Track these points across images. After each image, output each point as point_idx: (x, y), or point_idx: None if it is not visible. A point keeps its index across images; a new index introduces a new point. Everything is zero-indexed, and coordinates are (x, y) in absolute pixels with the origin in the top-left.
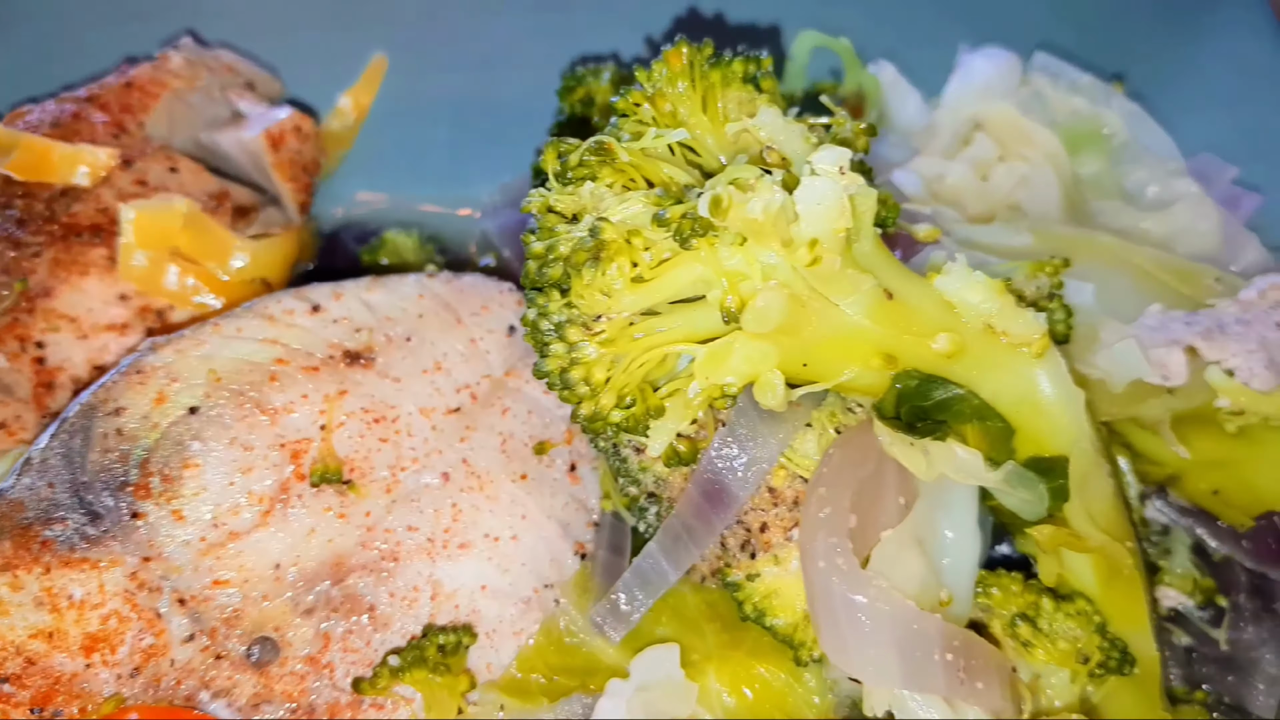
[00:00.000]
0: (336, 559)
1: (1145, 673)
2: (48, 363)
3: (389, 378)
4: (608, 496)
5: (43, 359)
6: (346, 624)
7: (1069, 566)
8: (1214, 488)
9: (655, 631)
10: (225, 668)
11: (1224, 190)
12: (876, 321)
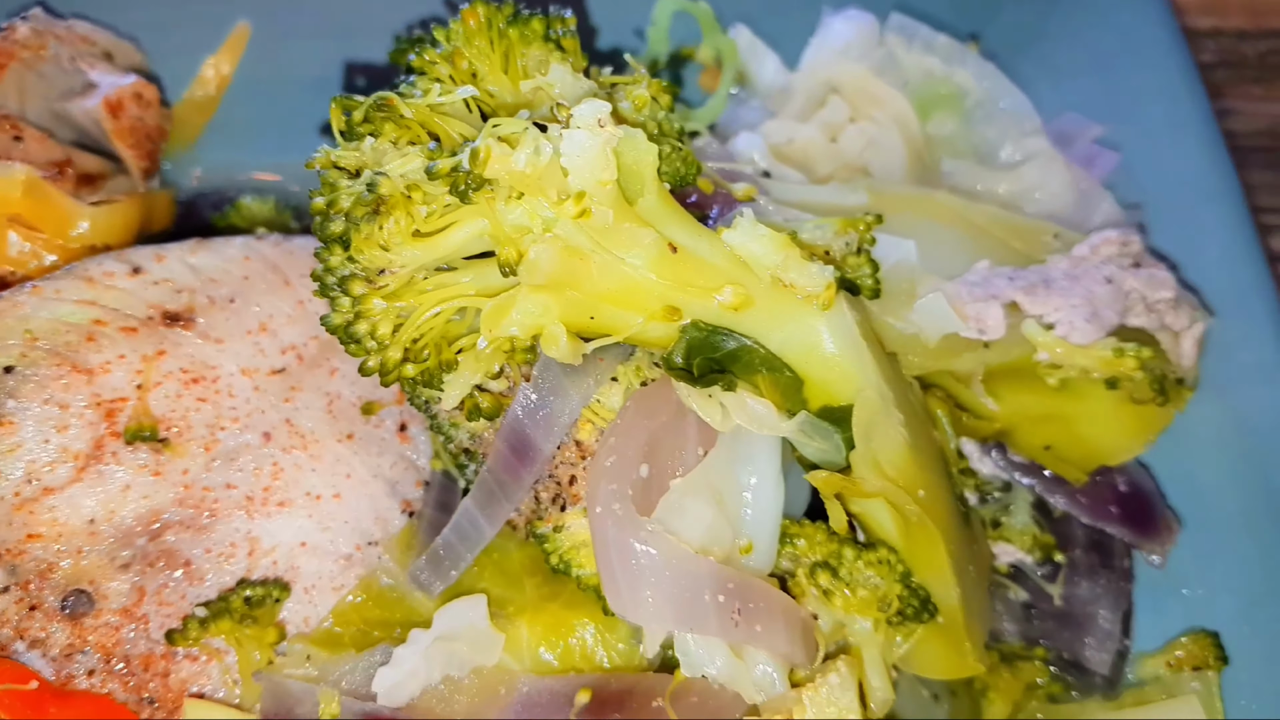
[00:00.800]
0: (152, 515)
1: (949, 620)
2: None
3: (210, 339)
4: (438, 456)
5: None
6: (161, 578)
7: (873, 517)
8: (1045, 443)
9: (478, 586)
10: (39, 619)
11: (1083, 149)
12: (661, 275)
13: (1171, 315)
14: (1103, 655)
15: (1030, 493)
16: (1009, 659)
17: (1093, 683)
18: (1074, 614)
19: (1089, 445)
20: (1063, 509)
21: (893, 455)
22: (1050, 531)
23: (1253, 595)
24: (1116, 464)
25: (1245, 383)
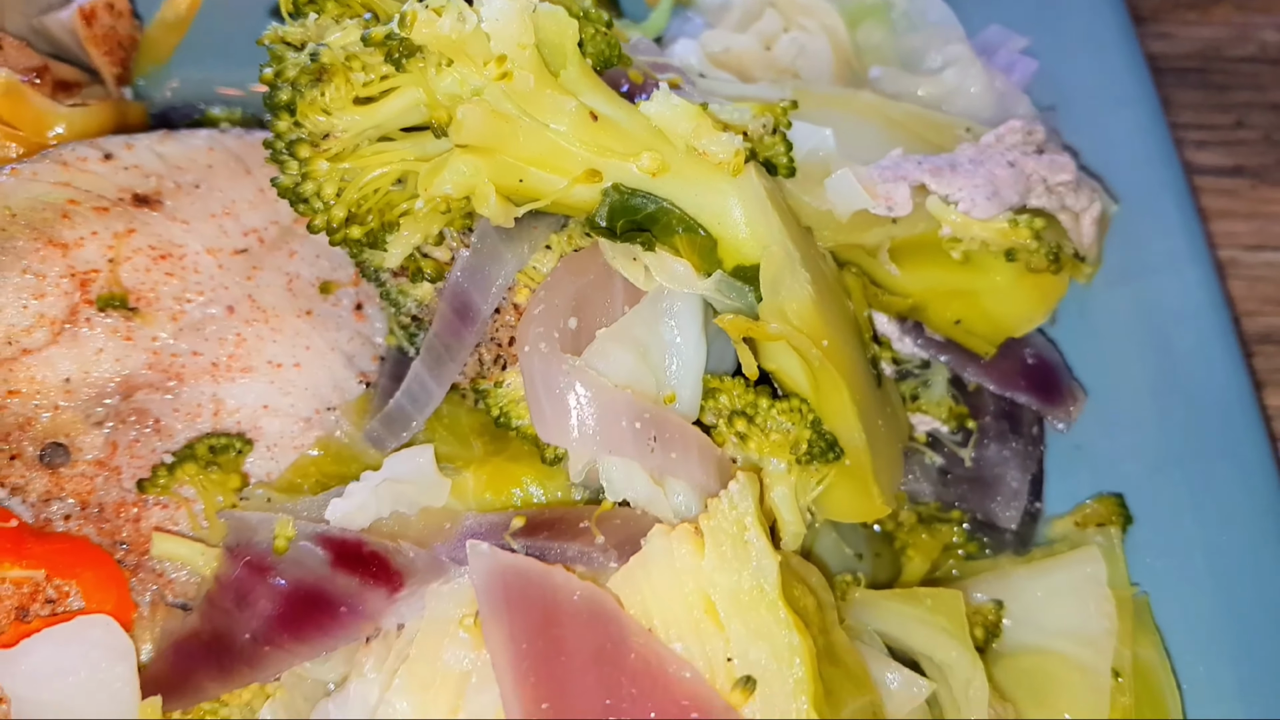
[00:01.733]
0: (124, 377)
1: (857, 464)
2: None
3: (177, 220)
4: (392, 332)
5: None
6: (133, 433)
7: (786, 373)
8: (955, 317)
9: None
10: (18, 468)
11: (1003, 58)
12: (582, 141)
13: (1071, 197)
14: (1011, 513)
15: (946, 369)
16: (927, 521)
17: (1004, 540)
18: (985, 476)
19: (994, 318)
20: (975, 381)
21: (798, 308)
22: (964, 404)
23: (1154, 461)
24: (1020, 335)
25: (1153, 270)
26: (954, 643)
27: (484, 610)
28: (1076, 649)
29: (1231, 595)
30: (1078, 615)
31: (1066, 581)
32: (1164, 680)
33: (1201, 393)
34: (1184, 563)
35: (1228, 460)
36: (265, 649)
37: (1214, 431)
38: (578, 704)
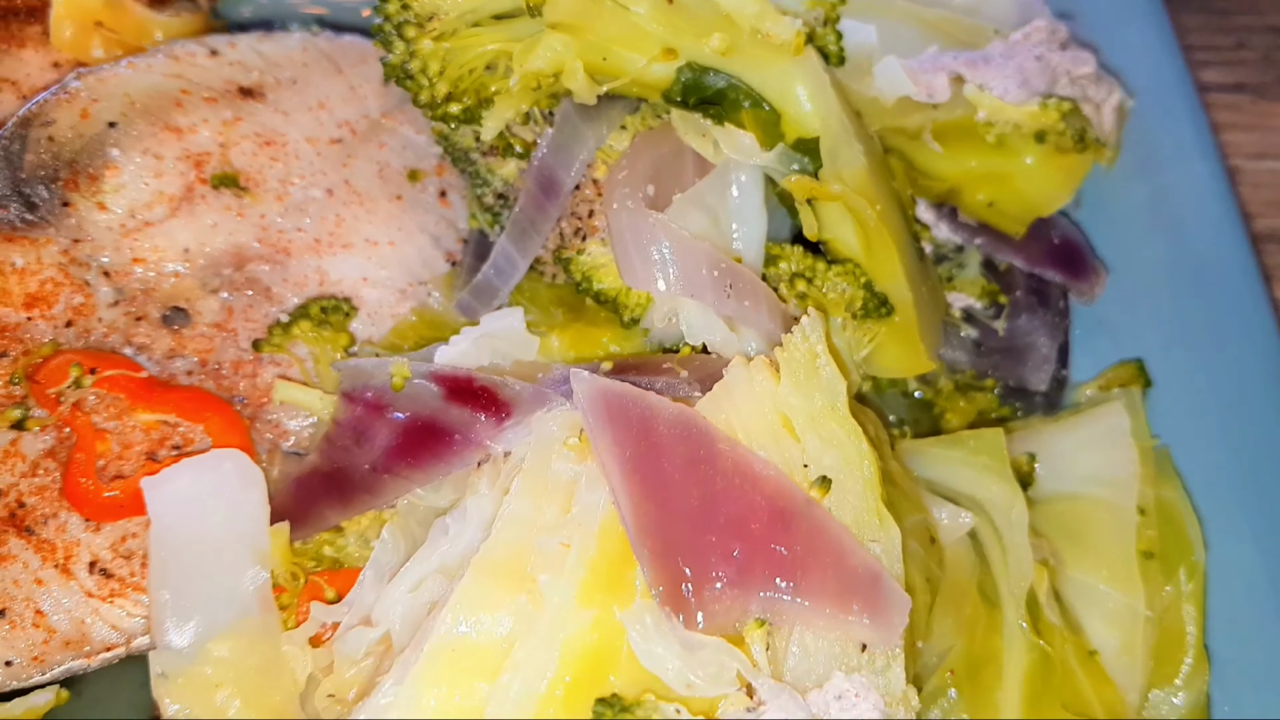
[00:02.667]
0: (236, 249)
1: (904, 321)
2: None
3: (278, 111)
4: (474, 216)
5: None
6: (246, 300)
7: (839, 240)
8: (989, 200)
9: None
10: (144, 327)
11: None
12: (660, 22)
13: (1093, 88)
14: (1041, 375)
15: (978, 253)
16: (963, 389)
17: (1034, 403)
18: (1016, 345)
19: (1025, 198)
20: (1006, 261)
21: (854, 175)
22: (995, 283)
23: (1171, 333)
24: (1048, 214)
25: (1165, 162)
26: (995, 477)
27: (589, 423)
28: (1104, 491)
29: (1242, 447)
30: (1104, 461)
31: (1093, 433)
32: (1186, 516)
33: (1211, 271)
34: (1199, 421)
35: (1236, 330)
36: (384, 477)
37: (1223, 305)
38: (679, 496)
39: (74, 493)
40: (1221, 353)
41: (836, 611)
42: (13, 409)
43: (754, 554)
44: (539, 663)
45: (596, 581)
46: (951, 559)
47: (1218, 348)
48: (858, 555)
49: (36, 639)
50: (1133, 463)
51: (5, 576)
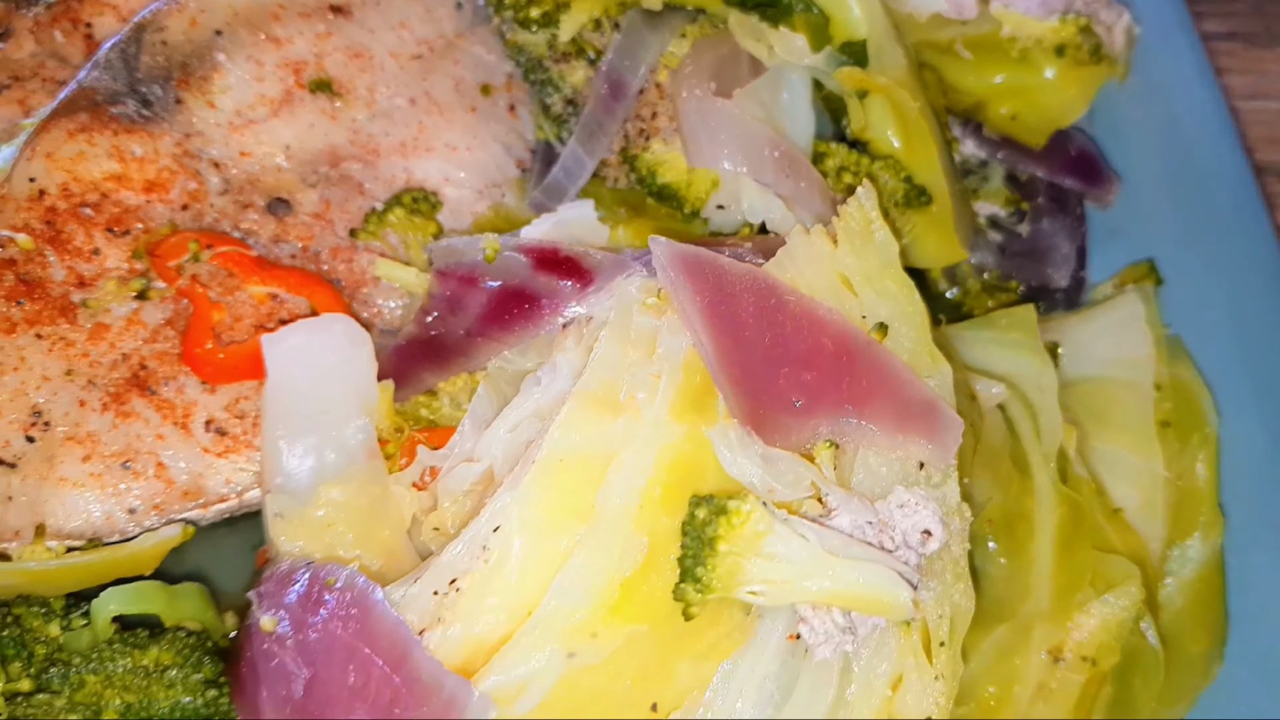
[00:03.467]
0: (331, 149)
1: (940, 208)
2: (95, 39)
3: (365, 28)
4: (541, 129)
5: (90, 36)
6: (342, 194)
7: (880, 137)
8: (1012, 113)
9: None
10: (250, 214)
11: None
12: None
13: (1104, 11)
14: (1062, 273)
15: (1001, 166)
16: (990, 289)
17: (1056, 300)
18: (1039, 247)
19: (1045, 109)
20: (1028, 173)
21: (896, 72)
22: (1018, 192)
23: (1179, 237)
24: (1067, 124)
25: (1170, 89)
26: (1027, 351)
27: (669, 277)
28: (1123, 371)
29: (1245, 334)
30: (1122, 344)
31: (1111, 320)
32: (1198, 390)
33: (1213, 181)
34: (1206, 313)
35: (1237, 232)
36: (477, 341)
37: (1225, 210)
38: (753, 337)
39: (192, 357)
40: (1224, 253)
41: (897, 433)
42: (135, 281)
43: (822, 384)
44: (641, 464)
45: (685, 403)
46: (986, 427)
47: (1221, 248)
48: (915, 385)
49: (157, 489)
50: (1148, 344)
51: (129, 432)
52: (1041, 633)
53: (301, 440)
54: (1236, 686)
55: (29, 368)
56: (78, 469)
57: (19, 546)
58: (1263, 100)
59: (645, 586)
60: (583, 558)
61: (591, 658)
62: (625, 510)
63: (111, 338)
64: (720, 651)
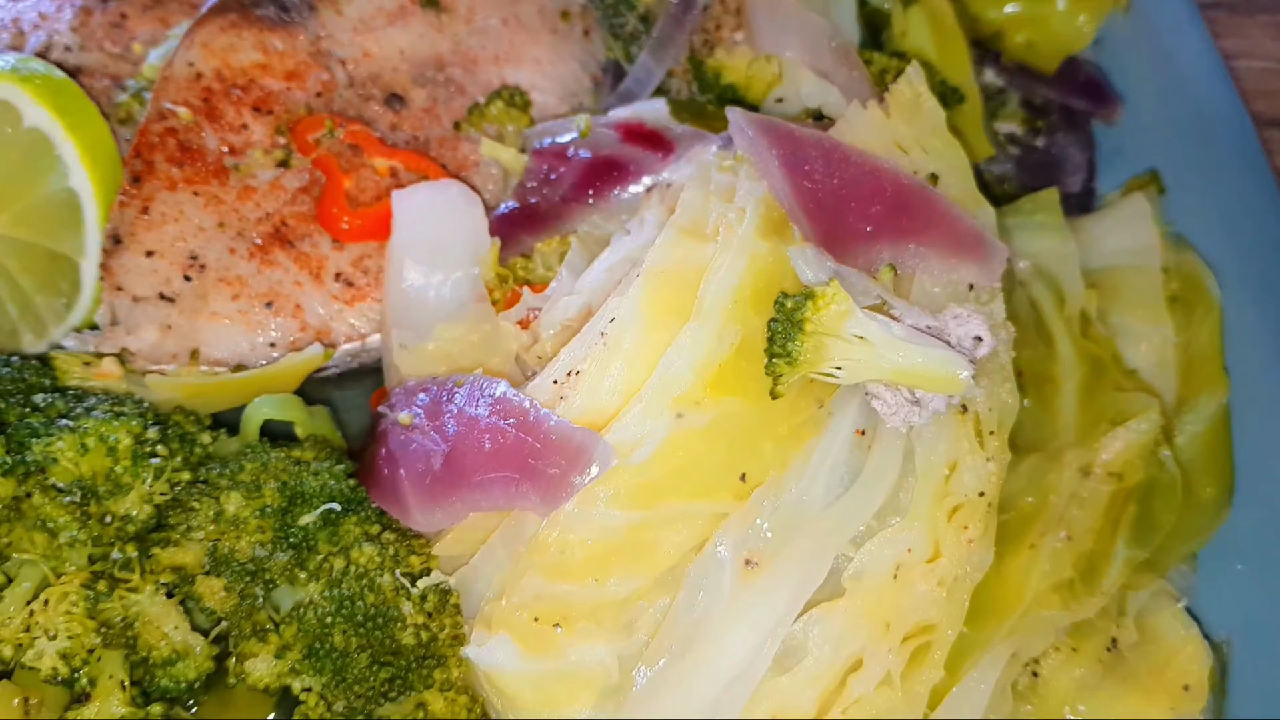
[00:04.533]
0: (437, 56)
1: (971, 106)
2: None
3: None
4: (611, 50)
5: None
6: (447, 94)
7: (916, 42)
8: (1028, 40)
9: None
10: (372, 105)
11: None
12: None
13: None
14: (1075, 179)
15: (1018, 91)
16: (1010, 198)
17: (1070, 206)
18: (1054, 157)
19: (1057, 36)
20: (1042, 96)
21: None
22: (1033, 114)
23: (1177, 155)
24: (1076, 50)
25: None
26: (1050, 230)
27: (745, 136)
28: (1133, 258)
29: (1239, 233)
30: (1131, 235)
31: (1120, 218)
32: (1201, 270)
33: (1207, 109)
34: (1203, 218)
35: (1229, 151)
36: (572, 206)
37: (1218, 134)
38: (822, 181)
39: (325, 218)
40: (1218, 167)
41: (949, 257)
42: (278, 152)
43: (884, 217)
44: (734, 268)
45: (767, 228)
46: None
47: (1215, 163)
48: (965, 219)
49: (293, 327)
50: (1154, 236)
51: (271, 278)
52: (1072, 455)
53: (422, 283)
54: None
55: (187, 219)
56: (227, 306)
57: (175, 369)
58: (1246, 59)
59: (738, 368)
60: (686, 341)
61: (694, 422)
62: (721, 304)
63: (257, 198)
64: (799, 437)
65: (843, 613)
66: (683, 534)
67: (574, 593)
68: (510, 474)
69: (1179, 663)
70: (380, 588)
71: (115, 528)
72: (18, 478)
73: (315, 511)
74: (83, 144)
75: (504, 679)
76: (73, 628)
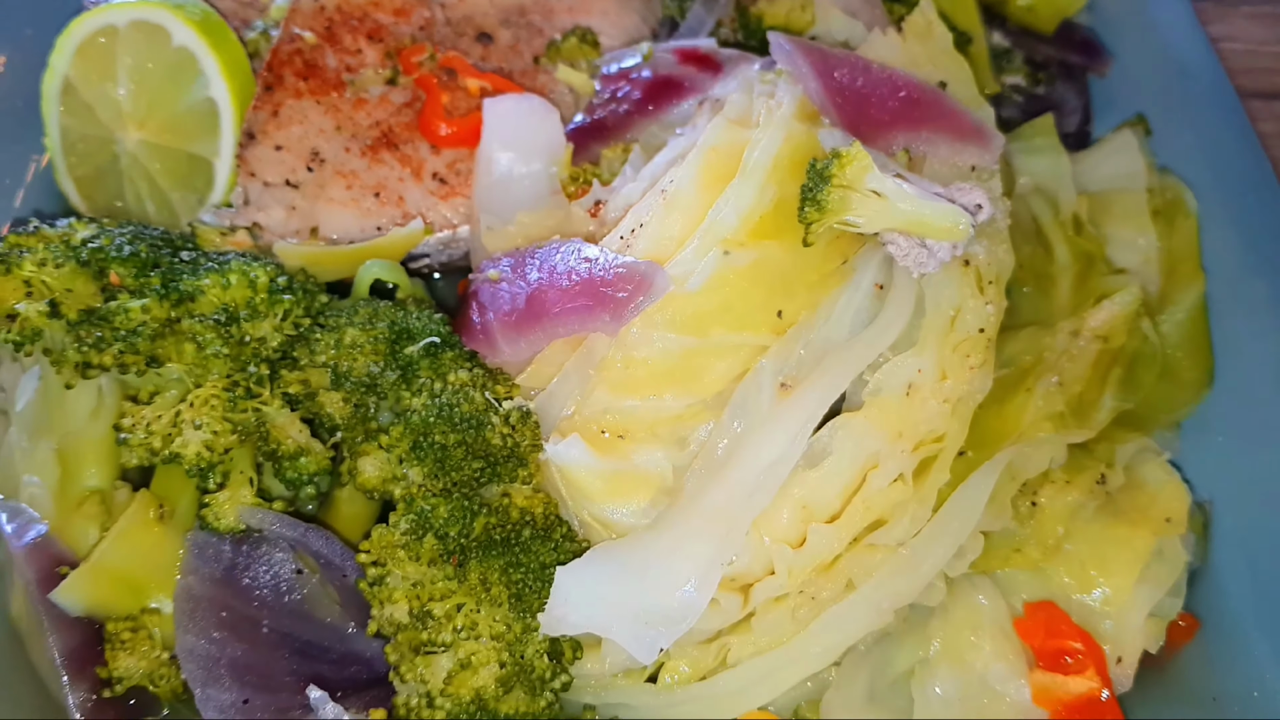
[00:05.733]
0: (520, 4)
1: (978, 47)
2: None
3: None
4: (666, 7)
5: None
6: (527, 34)
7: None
8: (1029, 4)
9: None
10: (465, 40)
11: None
12: None
13: None
14: (1073, 120)
15: (1021, 52)
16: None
17: (1068, 144)
18: (1054, 100)
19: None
20: (1043, 55)
21: None
22: (1034, 70)
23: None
24: (1072, 13)
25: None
26: (1047, 151)
27: (784, 50)
28: (1122, 182)
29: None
30: (1119, 163)
31: (1111, 148)
32: (1181, 190)
33: (1188, 65)
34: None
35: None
36: (635, 118)
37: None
38: (848, 83)
39: (425, 127)
40: (1196, 106)
41: (955, 143)
42: (386, 71)
43: (900, 111)
44: (774, 138)
45: (802, 115)
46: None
47: (1194, 104)
48: (969, 114)
49: (397, 214)
50: (1141, 162)
51: (380, 173)
52: (1064, 323)
53: (507, 175)
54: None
55: (310, 122)
56: (341, 193)
57: (298, 242)
58: (1229, 42)
59: (776, 221)
60: (732, 194)
61: (738, 261)
62: (763, 166)
63: (369, 108)
64: (828, 285)
65: (862, 422)
66: (729, 362)
67: (636, 408)
68: (584, 302)
69: (1162, 500)
70: (473, 400)
71: (251, 348)
72: (171, 302)
73: (420, 343)
74: (223, 59)
75: (576, 473)
76: (213, 424)
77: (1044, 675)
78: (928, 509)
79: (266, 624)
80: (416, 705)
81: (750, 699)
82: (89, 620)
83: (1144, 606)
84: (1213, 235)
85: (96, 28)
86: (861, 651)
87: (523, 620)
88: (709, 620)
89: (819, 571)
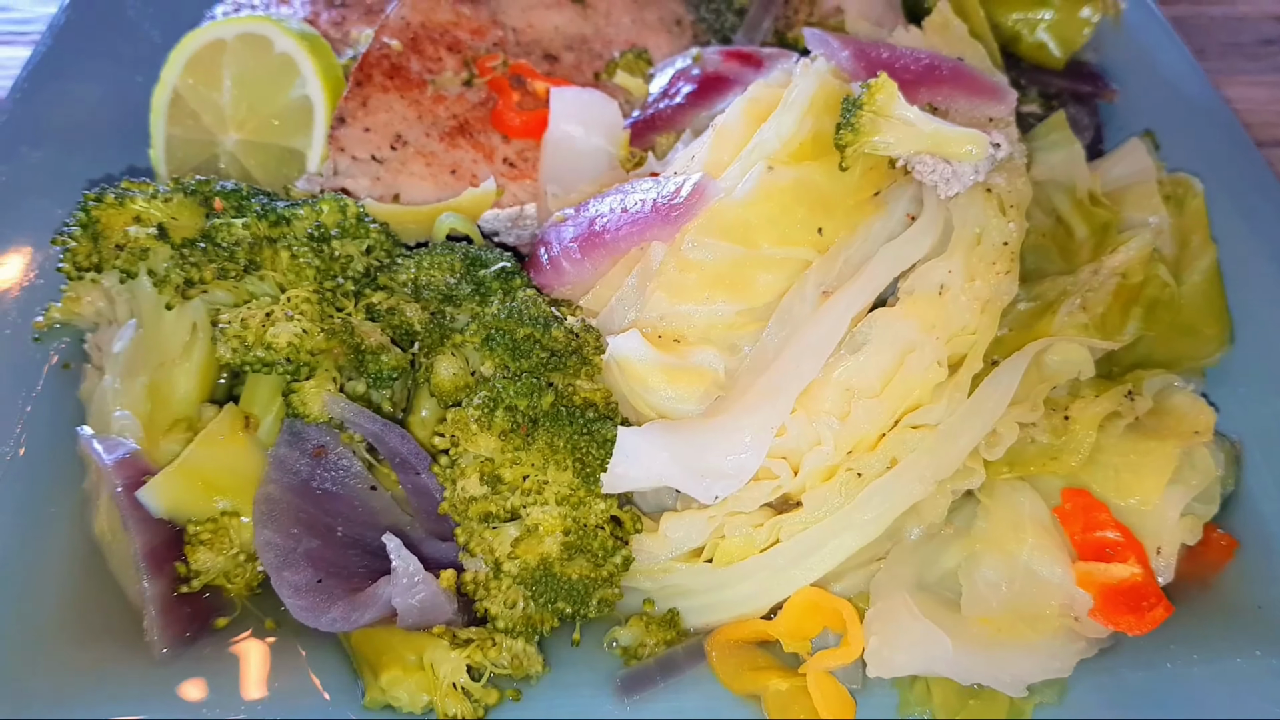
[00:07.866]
0: (582, 34)
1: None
2: None
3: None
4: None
5: None
6: (588, 58)
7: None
8: (1039, 43)
9: None
10: (531, 59)
11: None
12: None
13: None
14: (1085, 137)
15: (1035, 86)
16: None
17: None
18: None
19: (1064, 35)
20: (1056, 88)
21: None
22: (1048, 100)
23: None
24: (1078, 47)
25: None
26: (1061, 143)
27: (818, 38)
28: (1134, 178)
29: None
30: (1130, 163)
31: (1122, 154)
32: (1189, 180)
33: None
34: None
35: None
36: (686, 110)
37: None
38: (876, 56)
39: (498, 120)
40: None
41: (974, 97)
42: (464, 74)
43: (921, 74)
44: (810, 81)
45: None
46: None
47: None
48: (987, 76)
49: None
50: (1150, 161)
51: (454, 156)
52: (1085, 266)
53: (570, 151)
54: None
55: (395, 112)
56: (421, 169)
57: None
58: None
59: (815, 147)
60: (774, 122)
61: (781, 177)
62: (801, 102)
63: (447, 104)
64: (864, 211)
65: (898, 315)
66: (775, 275)
67: (691, 313)
68: (641, 214)
69: (1189, 419)
70: (541, 306)
71: (340, 263)
72: (269, 222)
73: (493, 267)
74: (318, 62)
75: (636, 366)
76: (304, 321)
77: (1086, 565)
78: (963, 394)
79: (341, 529)
80: (484, 576)
81: (805, 571)
82: (169, 524)
83: (1177, 504)
84: (1221, 226)
85: (206, 41)
86: (909, 545)
87: (587, 486)
88: (762, 490)
89: (864, 449)
